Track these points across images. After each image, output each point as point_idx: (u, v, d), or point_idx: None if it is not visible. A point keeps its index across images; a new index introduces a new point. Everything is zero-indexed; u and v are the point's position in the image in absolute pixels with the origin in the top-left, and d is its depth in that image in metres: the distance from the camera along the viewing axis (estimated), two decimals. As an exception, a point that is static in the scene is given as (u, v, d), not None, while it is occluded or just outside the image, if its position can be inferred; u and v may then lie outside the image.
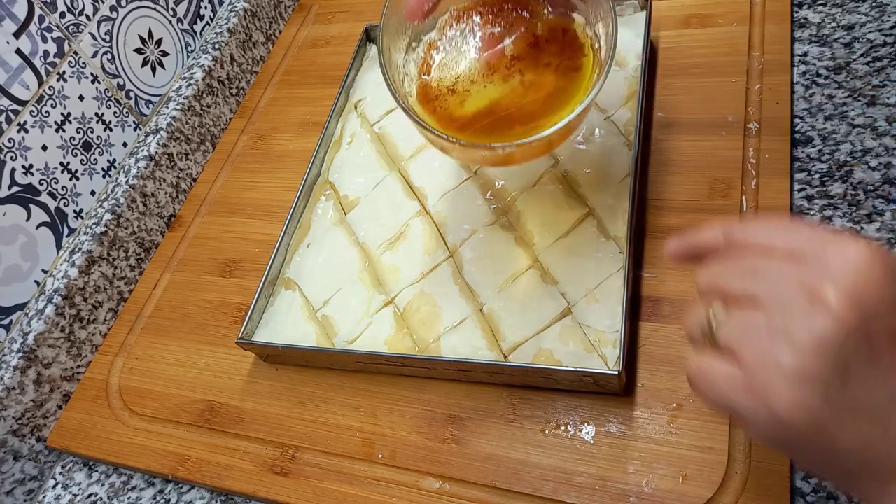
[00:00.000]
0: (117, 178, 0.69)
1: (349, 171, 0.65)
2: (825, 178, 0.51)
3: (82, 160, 0.67)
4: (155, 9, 0.74)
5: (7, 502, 0.57)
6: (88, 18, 0.67)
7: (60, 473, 0.60)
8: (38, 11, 0.62)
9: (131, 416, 0.58)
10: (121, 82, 0.71)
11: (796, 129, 0.54)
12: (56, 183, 0.65)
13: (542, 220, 0.55)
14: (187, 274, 0.66)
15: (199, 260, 0.67)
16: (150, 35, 0.74)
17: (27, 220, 0.62)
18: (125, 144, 0.72)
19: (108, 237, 0.65)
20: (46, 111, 0.63)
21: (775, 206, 0.50)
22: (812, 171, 0.52)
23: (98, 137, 0.69)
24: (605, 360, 0.47)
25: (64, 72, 0.65)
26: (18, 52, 0.60)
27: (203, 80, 0.75)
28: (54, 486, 0.59)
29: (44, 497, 0.59)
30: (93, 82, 0.67)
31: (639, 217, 0.53)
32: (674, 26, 0.63)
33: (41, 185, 0.63)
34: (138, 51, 0.72)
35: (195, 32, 0.79)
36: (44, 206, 0.64)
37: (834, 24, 0.58)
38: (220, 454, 0.53)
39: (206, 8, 0.80)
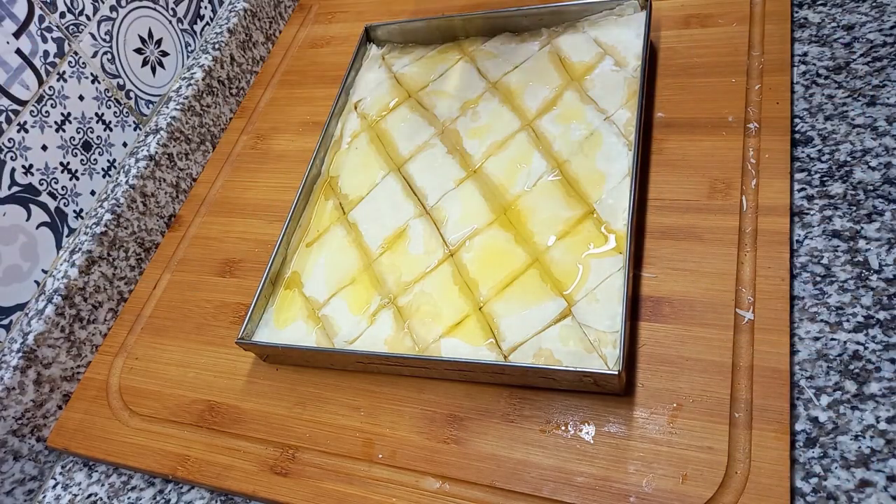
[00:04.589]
0: (117, 178, 0.69)
1: (349, 171, 0.65)
2: (825, 178, 0.51)
3: (82, 160, 0.67)
4: (155, 9, 0.74)
5: (7, 502, 0.57)
6: (88, 18, 0.67)
7: (60, 473, 0.60)
8: (38, 11, 0.62)
9: (131, 416, 0.58)
10: (121, 82, 0.71)
11: (796, 128, 0.54)
12: (56, 183, 0.65)
13: (542, 219, 0.55)
14: (187, 274, 0.66)
15: (199, 260, 0.67)
16: (150, 35, 0.74)
17: (27, 220, 0.62)
18: (125, 144, 0.72)
19: (108, 237, 0.65)
20: (46, 111, 0.63)
21: (775, 206, 0.50)
22: (812, 170, 0.52)
23: (98, 137, 0.69)
24: (605, 360, 0.47)
25: (64, 72, 0.65)
26: (18, 52, 0.60)
27: (203, 80, 0.75)
28: (54, 486, 0.59)
29: (44, 497, 0.59)
30: (93, 82, 0.67)
31: (639, 217, 0.53)
32: (674, 26, 0.63)
33: (41, 185, 0.63)
34: (138, 51, 0.72)
35: (195, 32, 0.79)
36: (44, 206, 0.64)
37: (834, 24, 0.58)
38: (220, 454, 0.53)
39: (206, 8, 0.80)
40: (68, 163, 0.66)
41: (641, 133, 0.55)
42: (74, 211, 0.67)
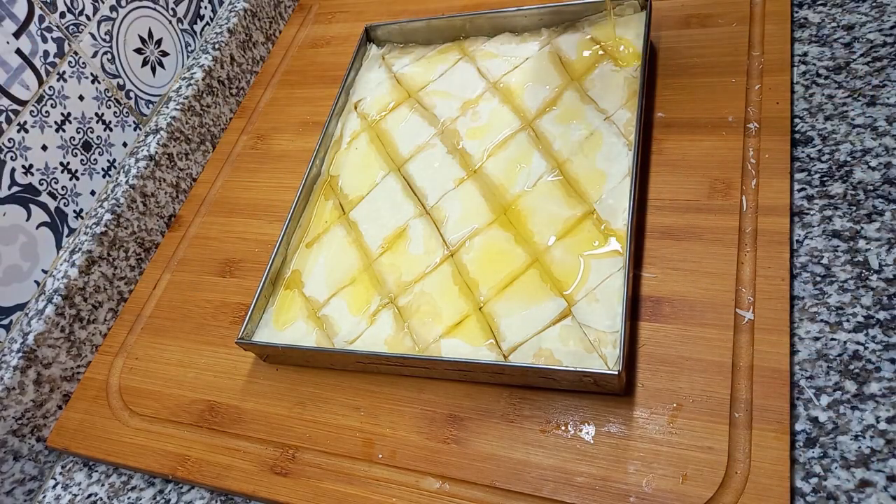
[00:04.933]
0: (117, 178, 0.69)
1: (349, 170, 0.65)
2: (825, 178, 0.51)
3: (82, 160, 0.67)
4: (155, 9, 0.74)
5: (7, 502, 0.57)
6: (88, 18, 0.67)
7: (60, 473, 0.60)
8: (38, 11, 0.62)
9: (131, 416, 0.58)
10: (121, 82, 0.71)
11: (796, 128, 0.54)
12: (56, 183, 0.65)
13: (542, 219, 0.55)
14: (187, 274, 0.66)
15: (199, 260, 0.67)
16: (150, 35, 0.74)
17: (27, 220, 0.62)
18: (125, 144, 0.72)
19: (108, 237, 0.65)
20: (46, 111, 0.63)
21: (775, 206, 0.50)
22: (812, 170, 0.52)
23: (98, 137, 0.69)
24: (605, 360, 0.47)
25: (64, 72, 0.65)
26: (18, 52, 0.60)
27: (203, 80, 0.75)
28: (54, 486, 0.59)
29: (44, 497, 0.59)
30: (93, 82, 0.67)
31: (639, 217, 0.53)
32: (674, 26, 0.63)
33: (41, 185, 0.63)
34: (138, 51, 0.72)
35: (195, 32, 0.79)
36: (44, 206, 0.64)
37: (834, 24, 0.58)
38: (220, 454, 0.53)
39: (206, 8, 0.80)
40: (68, 163, 0.66)
41: (641, 133, 0.55)
42: (74, 211, 0.67)
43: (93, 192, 0.69)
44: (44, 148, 0.63)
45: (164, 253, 0.70)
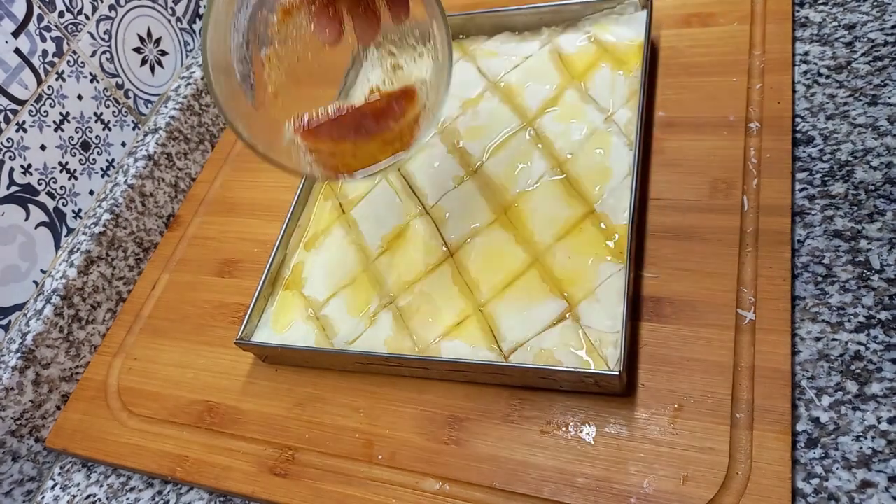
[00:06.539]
0: (116, 178, 0.69)
1: (349, 170, 0.65)
2: (826, 178, 0.51)
3: (81, 160, 0.67)
4: (154, 8, 0.74)
5: (6, 503, 0.57)
6: (87, 18, 0.66)
7: (59, 474, 0.59)
8: (36, 11, 0.62)
9: (130, 416, 0.58)
10: (119, 82, 0.70)
11: (797, 128, 0.54)
12: (55, 183, 0.64)
13: (543, 219, 0.54)
14: (186, 274, 0.66)
15: (198, 260, 0.67)
16: (149, 34, 0.73)
17: (26, 219, 0.62)
18: (124, 144, 0.71)
19: (106, 237, 0.65)
20: (45, 111, 0.63)
21: (777, 206, 0.50)
22: (813, 170, 0.52)
23: (97, 137, 0.68)
24: (606, 360, 0.47)
25: (63, 71, 0.64)
26: (17, 51, 0.60)
27: (202, 79, 0.75)
28: (53, 487, 0.59)
29: (42, 498, 0.58)
30: (91, 82, 0.67)
31: (639, 217, 0.53)
32: (674, 25, 0.63)
33: (40, 184, 0.63)
34: (137, 50, 0.72)
35: (194, 31, 0.79)
36: (42, 206, 0.63)
37: (835, 24, 0.58)
38: (219, 455, 0.53)
39: (204, 7, 0.80)
40: (67, 162, 0.65)
41: (642, 132, 0.54)
42: (73, 211, 0.66)
43: (91, 192, 0.68)
44: (42, 147, 0.63)
45: (163, 253, 0.69)
